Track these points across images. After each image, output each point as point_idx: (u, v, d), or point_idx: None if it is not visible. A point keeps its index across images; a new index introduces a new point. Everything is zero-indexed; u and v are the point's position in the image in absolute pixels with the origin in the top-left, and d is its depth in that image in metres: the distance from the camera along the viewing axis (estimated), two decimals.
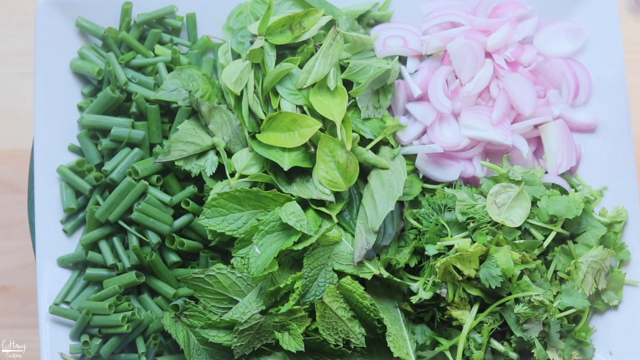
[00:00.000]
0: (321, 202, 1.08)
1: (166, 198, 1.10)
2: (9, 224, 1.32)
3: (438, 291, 1.04)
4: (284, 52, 1.13)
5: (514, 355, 1.04)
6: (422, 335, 1.07)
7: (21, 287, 1.30)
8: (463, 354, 1.03)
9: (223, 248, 1.12)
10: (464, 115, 1.12)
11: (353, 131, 1.09)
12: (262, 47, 1.10)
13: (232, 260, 1.06)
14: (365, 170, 1.10)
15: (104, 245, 1.11)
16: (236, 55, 1.15)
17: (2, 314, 1.29)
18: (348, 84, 1.12)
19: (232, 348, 1.05)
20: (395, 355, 1.04)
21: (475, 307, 1.04)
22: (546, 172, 1.12)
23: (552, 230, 1.06)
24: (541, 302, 1.02)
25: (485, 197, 1.06)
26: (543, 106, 1.13)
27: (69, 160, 1.13)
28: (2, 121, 1.35)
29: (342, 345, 1.05)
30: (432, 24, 1.16)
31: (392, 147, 1.12)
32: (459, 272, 1.03)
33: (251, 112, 1.11)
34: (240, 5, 1.16)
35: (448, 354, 1.05)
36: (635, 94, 1.23)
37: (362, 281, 1.06)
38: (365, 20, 1.19)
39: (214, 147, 1.11)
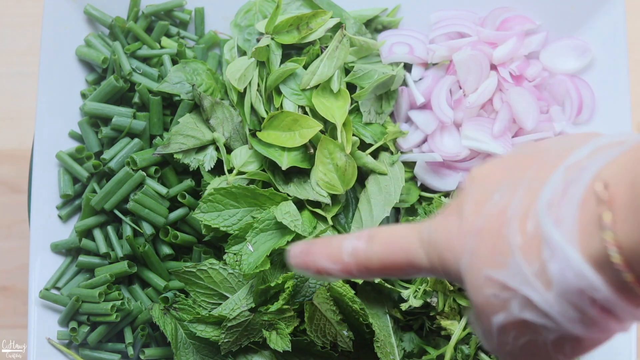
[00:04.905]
0: (317, 204, 1.08)
1: (163, 190, 1.10)
2: (9, 224, 1.31)
3: (429, 300, 1.04)
4: (289, 51, 1.13)
5: None
6: (410, 343, 1.07)
7: (21, 287, 1.29)
8: None
9: (217, 243, 1.11)
10: (466, 126, 1.12)
11: (354, 135, 1.08)
12: (268, 46, 1.10)
13: (225, 256, 1.06)
14: (363, 175, 1.10)
15: (97, 234, 1.11)
16: (242, 52, 1.15)
17: (2, 314, 1.28)
18: (351, 88, 1.12)
19: (220, 344, 1.05)
20: None
21: (465, 318, 1.04)
22: None
23: None
24: None
25: None
26: (545, 122, 1.13)
27: (69, 146, 1.13)
28: (2, 121, 1.34)
29: (329, 347, 1.05)
30: (439, 33, 1.16)
31: (392, 153, 1.12)
32: (451, 282, 1.02)
33: (253, 110, 1.10)
34: (249, 3, 1.16)
35: None
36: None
37: (354, 285, 1.05)
38: (373, 25, 1.19)
39: (213, 142, 1.11)
